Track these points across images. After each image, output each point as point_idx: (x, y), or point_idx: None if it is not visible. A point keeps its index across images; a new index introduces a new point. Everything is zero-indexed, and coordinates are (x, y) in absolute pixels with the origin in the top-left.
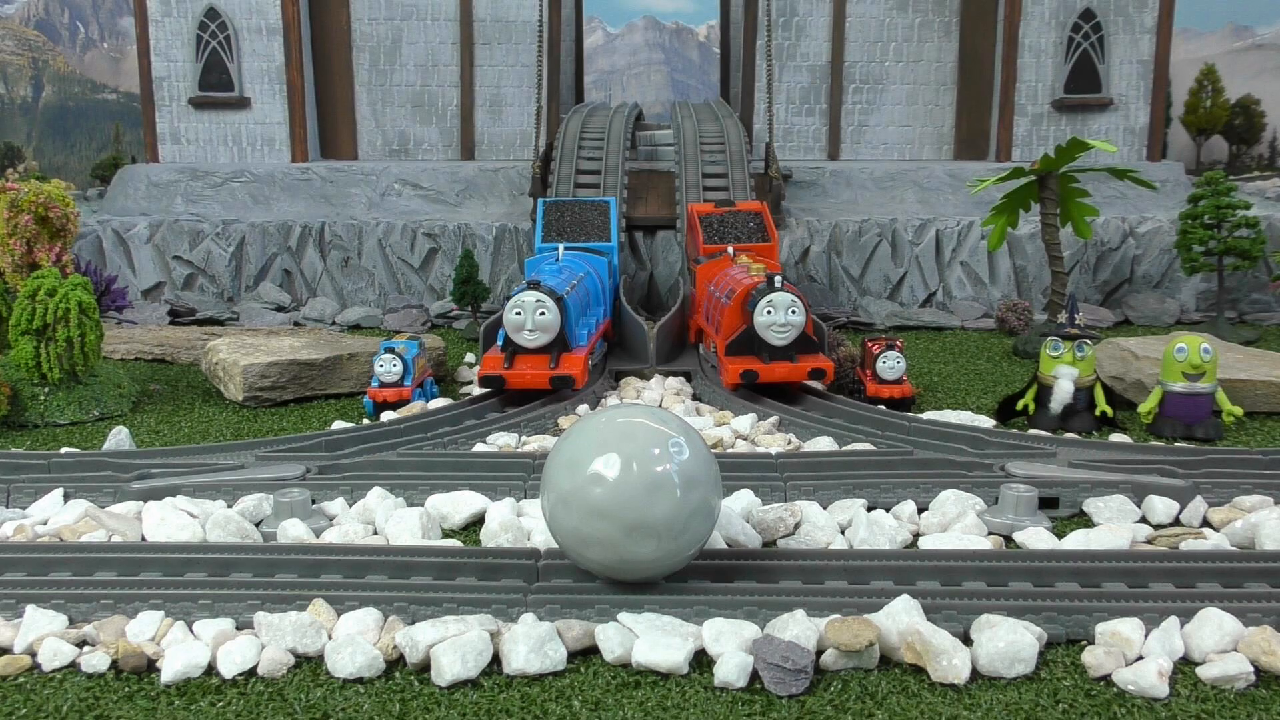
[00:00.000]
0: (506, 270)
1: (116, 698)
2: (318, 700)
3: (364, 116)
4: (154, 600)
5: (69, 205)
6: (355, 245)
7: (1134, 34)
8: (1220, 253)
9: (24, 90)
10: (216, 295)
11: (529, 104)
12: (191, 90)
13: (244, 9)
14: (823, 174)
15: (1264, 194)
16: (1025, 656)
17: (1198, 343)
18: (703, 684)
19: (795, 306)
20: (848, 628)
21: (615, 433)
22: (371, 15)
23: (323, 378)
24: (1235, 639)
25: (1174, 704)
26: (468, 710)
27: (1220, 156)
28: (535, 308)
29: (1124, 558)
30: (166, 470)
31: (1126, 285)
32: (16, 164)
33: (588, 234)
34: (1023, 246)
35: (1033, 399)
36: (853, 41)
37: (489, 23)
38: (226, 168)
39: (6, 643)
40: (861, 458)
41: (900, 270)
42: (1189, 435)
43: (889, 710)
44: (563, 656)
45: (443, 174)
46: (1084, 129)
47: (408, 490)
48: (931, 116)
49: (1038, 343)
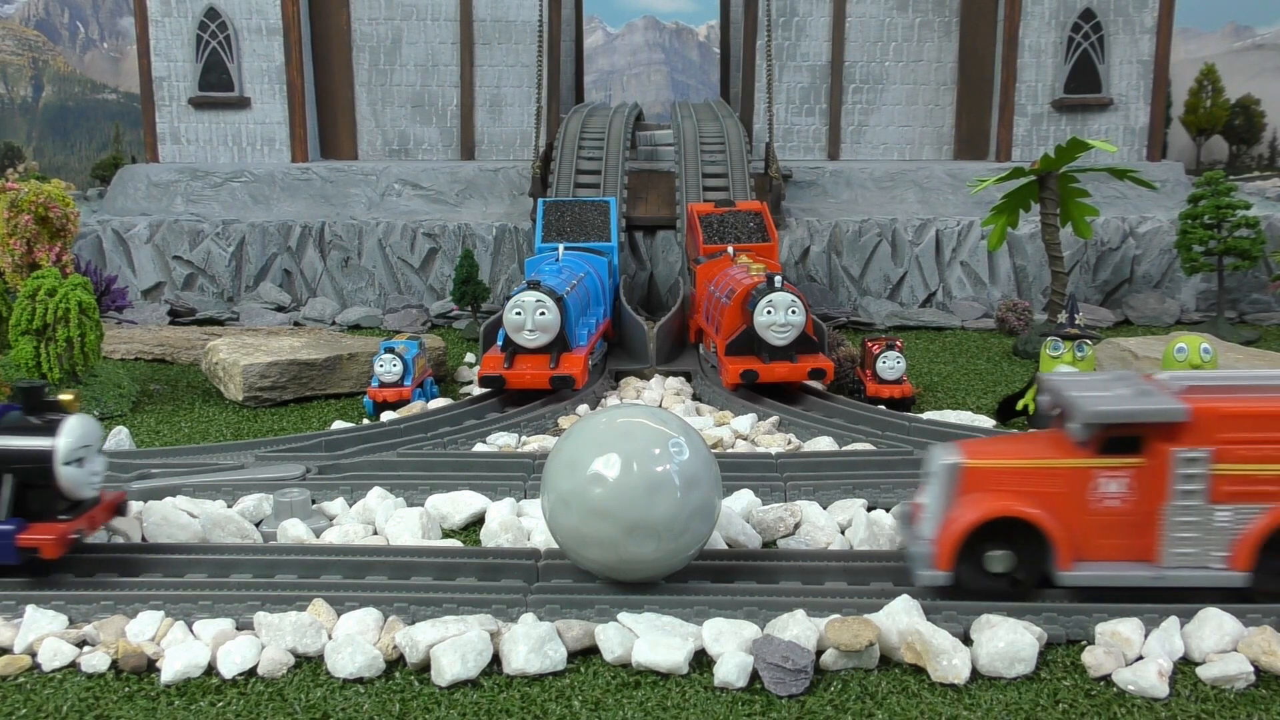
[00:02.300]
0: (506, 270)
1: (116, 698)
2: (318, 700)
3: (364, 116)
4: (154, 600)
5: (69, 205)
6: (355, 245)
7: (1134, 34)
8: (1220, 253)
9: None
10: (216, 295)
11: (529, 104)
12: (191, 90)
13: (244, 9)
14: (823, 174)
15: (1264, 194)
16: (1025, 656)
17: (1198, 343)
18: (703, 684)
19: (795, 306)
20: (848, 628)
21: (615, 433)
22: (371, 15)
23: (323, 378)
24: (1235, 639)
25: (1174, 704)
26: (468, 710)
27: (1220, 156)
28: (535, 308)
29: None
30: (166, 470)
31: (1126, 285)
32: (16, 164)
33: (588, 234)
34: (1023, 246)
35: (1033, 399)
36: (853, 41)
37: (489, 23)
38: (226, 168)
39: (6, 643)
40: (861, 458)
41: (900, 270)
42: None
43: (889, 710)
44: (563, 656)
45: (443, 174)
46: (1084, 129)
47: (408, 490)
48: (931, 116)
49: (1038, 343)
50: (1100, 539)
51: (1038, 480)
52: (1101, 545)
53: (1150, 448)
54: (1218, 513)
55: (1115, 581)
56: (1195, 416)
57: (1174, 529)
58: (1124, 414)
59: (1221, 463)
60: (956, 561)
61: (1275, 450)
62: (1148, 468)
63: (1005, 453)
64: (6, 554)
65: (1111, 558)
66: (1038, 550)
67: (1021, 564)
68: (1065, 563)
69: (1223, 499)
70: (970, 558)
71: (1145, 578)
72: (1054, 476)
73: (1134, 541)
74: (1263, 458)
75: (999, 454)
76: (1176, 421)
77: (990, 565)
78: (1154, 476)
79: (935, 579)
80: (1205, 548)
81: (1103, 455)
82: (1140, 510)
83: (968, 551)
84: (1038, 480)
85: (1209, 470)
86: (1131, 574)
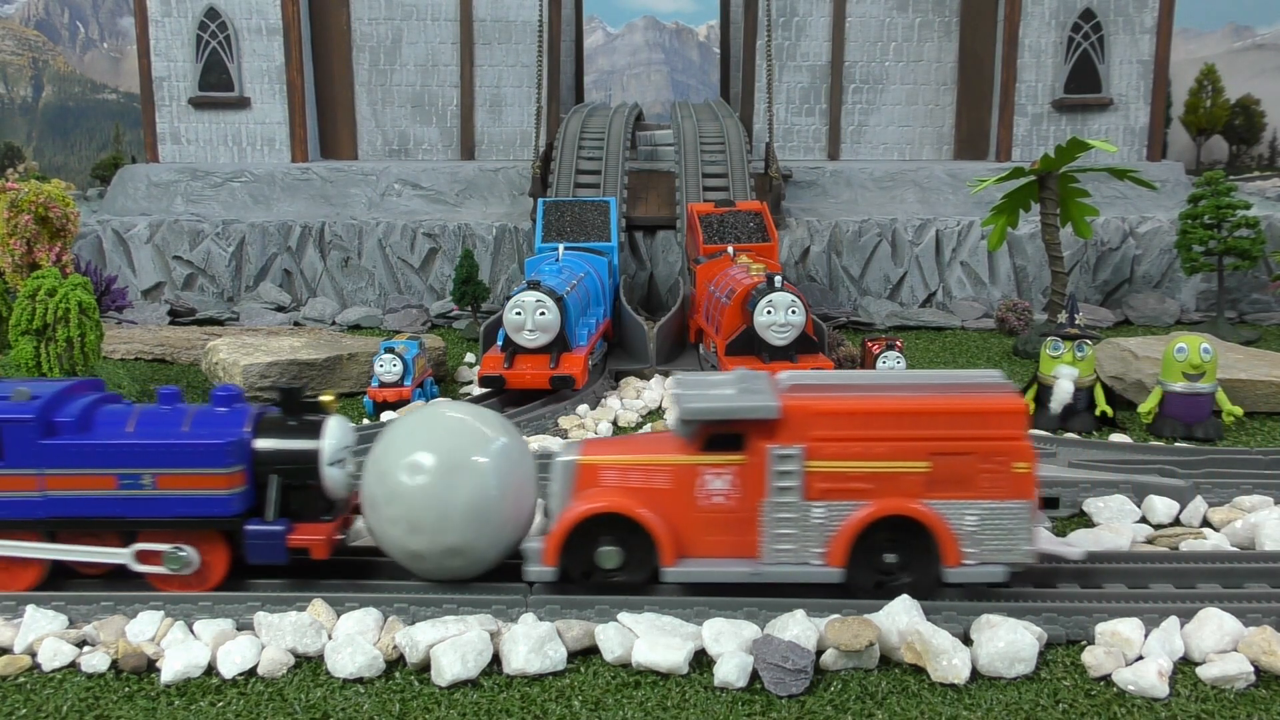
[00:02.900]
0: (506, 270)
1: (116, 698)
2: (318, 700)
3: (364, 116)
4: (154, 601)
5: (69, 205)
6: (355, 245)
7: (1134, 34)
8: (1220, 253)
9: (24, 90)
10: (216, 295)
11: (529, 104)
12: (191, 90)
13: (244, 9)
14: (823, 174)
15: (1264, 194)
16: (1025, 656)
17: (1198, 343)
18: (703, 684)
19: (795, 306)
20: (848, 628)
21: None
22: (371, 15)
23: (323, 378)
24: (1235, 639)
25: (1174, 704)
26: (468, 710)
27: (1220, 156)
28: (535, 308)
29: (1124, 558)
30: None
31: (1126, 285)
32: (16, 164)
33: (588, 234)
34: (1023, 246)
35: (1033, 399)
36: (853, 41)
37: (489, 23)
38: (226, 168)
39: (6, 643)
40: None
41: (900, 270)
42: (1189, 435)
43: (889, 710)
44: (563, 656)
45: (443, 174)
46: (1084, 129)
47: None
48: (931, 116)
49: (1038, 343)
50: (707, 535)
51: (646, 477)
52: (709, 542)
53: (751, 445)
54: (814, 509)
55: (714, 578)
56: (787, 414)
57: (773, 525)
58: (715, 411)
59: (815, 459)
60: (563, 557)
61: (865, 448)
62: (749, 465)
63: (619, 450)
64: (276, 553)
65: (718, 554)
66: (647, 547)
67: (630, 560)
68: (669, 559)
69: (817, 496)
70: (583, 554)
71: (744, 574)
72: (661, 473)
73: (738, 538)
74: (853, 455)
75: (613, 451)
76: (771, 419)
77: (602, 562)
78: (754, 473)
79: (542, 574)
80: (803, 544)
81: (706, 452)
82: (744, 507)
83: (580, 548)
84: (646, 477)
85: (803, 467)
86: (731, 570)
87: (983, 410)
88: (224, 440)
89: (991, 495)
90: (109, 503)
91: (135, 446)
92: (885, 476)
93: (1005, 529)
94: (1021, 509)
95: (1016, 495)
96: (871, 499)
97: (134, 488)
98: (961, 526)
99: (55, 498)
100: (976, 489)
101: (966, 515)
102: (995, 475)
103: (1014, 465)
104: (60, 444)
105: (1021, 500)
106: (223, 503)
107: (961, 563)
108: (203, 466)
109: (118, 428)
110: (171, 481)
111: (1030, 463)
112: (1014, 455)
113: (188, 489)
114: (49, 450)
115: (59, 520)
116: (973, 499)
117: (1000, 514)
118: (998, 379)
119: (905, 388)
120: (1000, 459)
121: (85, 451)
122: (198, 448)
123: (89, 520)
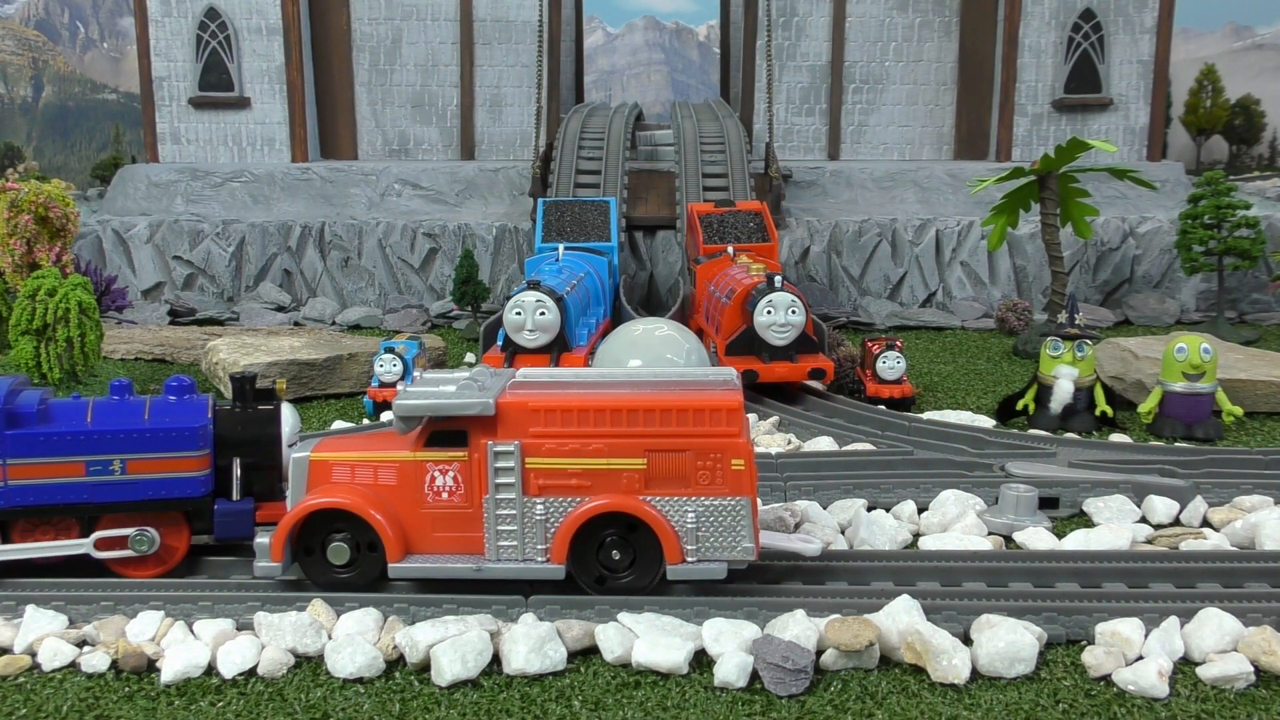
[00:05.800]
0: (506, 270)
1: (116, 698)
2: (318, 700)
3: (364, 116)
4: (154, 601)
5: (69, 205)
6: (355, 245)
7: (1134, 34)
8: (1220, 253)
9: (24, 90)
10: (216, 295)
11: (529, 104)
12: (191, 90)
13: (244, 9)
14: (823, 174)
15: (1264, 194)
16: (1025, 656)
17: (1198, 343)
18: (703, 684)
19: (795, 306)
20: (848, 628)
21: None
22: (371, 15)
23: (323, 378)
24: (1235, 639)
25: (1174, 704)
26: (468, 710)
27: (1220, 156)
28: (535, 308)
29: (1124, 558)
30: None
31: (1126, 285)
32: (16, 164)
33: (588, 234)
34: (1023, 246)
35: (1033, 399)
36: (853, 41)
37: (489, 23)
38: (226, 168)
39: (6, 643)
40: (861, 458)
41: (900, 270)
42: (1189, 435)
43: (889, 710)
44: (563, 656)
45: (443, 174)
46: (1084, 129)
47: None
48: (931, 116)
49: (1038, 343)
50: (435, 532)
51: (374, 473)
52: (436, 538)
53: (473, 442)
54: (535, 506)
55: (438, 574)
56: (503, 411)
57: (496, 522)
58: (426, 408)
59: (532, 456)
60: (289, 553)
61: (580, 444)
62: (471, 461)
63: (350, 447)
64: (244, 529)
65: (444, 550)
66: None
67: (360, 557)
68: (394, 555)
69: (537, 492)
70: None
71: (468, 570)
72: (387, 469)
73: (465, 535)
74: (569, 451)
75: (344, 448)
76: (488, 416)
77: (334, 557)
78: (477, 470)
79: (269, 570)
80: (527, 540)
81: (430, 449)
82: (468, 503)
83: (310, 543)
84: (374, 473)
85: (521, 464)
86: (454, 566)
87: (698, 407)
88: (196, 425)
89: (710, 492)
90: (75, 489)
91: (105, 433)
92: (602, 473)
93: (725, 526)
94: (740, 505)
95: (735, 492)
96: (589, 495)
97: (103, 474)
98: (682, 524)
99: (16, 487)
100: (695, 486)
101: (687, 512)
102: (713, 472)
103: (731, 462)
104: (25, 434)
105: (740, 497)
106: (193, 484)
107: (683, 560)
108: (174, 451)
109: (79, 417)
110: (142, 466)
111: (746, 460)
112: (731, 452)
113: (158, 473)
114: (11, 440)
115: (20, 510)
116: (691, 496)
117: (719, 511)
118: (726, 377)
119: (625, 385)
120: (717, 456)
121: (52, 441)
122: (170, 432)
123: (51, 509)
